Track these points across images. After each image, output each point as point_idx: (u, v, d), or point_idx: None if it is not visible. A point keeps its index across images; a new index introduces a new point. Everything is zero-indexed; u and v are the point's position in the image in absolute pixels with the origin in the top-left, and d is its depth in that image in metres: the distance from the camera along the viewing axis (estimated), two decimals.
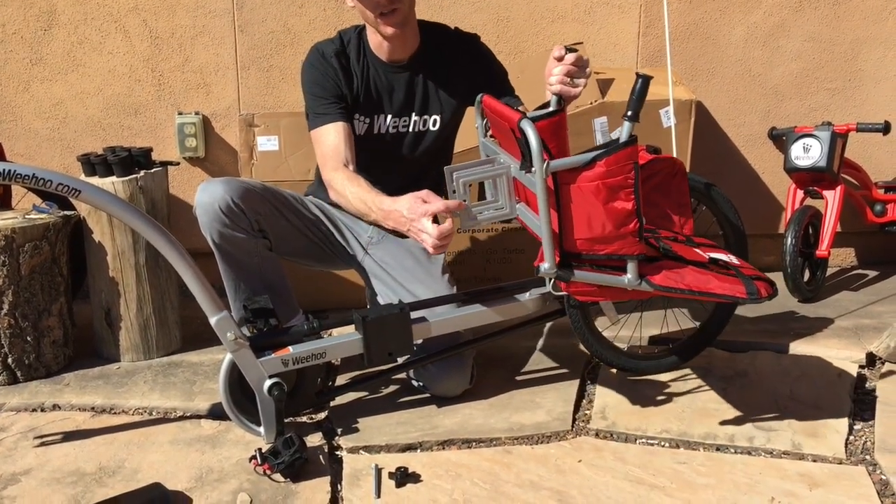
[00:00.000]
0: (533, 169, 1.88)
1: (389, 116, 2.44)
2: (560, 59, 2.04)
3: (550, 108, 2.07)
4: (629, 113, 1.88)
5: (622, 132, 1.89)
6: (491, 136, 2.28)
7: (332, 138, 2.34)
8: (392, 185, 2.49)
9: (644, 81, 1.87)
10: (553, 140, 1.96)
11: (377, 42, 2.41)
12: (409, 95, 2.44)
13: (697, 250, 2.20)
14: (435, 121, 2.46)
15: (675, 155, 2.90)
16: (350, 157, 2.34)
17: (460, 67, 2.44)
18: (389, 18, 2.30)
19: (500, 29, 3.29)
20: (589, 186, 1.88)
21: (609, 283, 2.01)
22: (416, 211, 2.04)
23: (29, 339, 2.60)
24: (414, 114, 2.45)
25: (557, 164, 1.89)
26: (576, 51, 2.04)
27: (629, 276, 1.98)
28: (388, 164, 2.46)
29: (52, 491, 2.03)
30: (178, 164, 3.02)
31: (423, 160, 2.51)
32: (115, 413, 2.44)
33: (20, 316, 2.57)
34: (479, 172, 2.01)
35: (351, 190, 2.26)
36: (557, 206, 1.95)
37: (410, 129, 2.47)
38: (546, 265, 1.98)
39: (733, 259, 2.18)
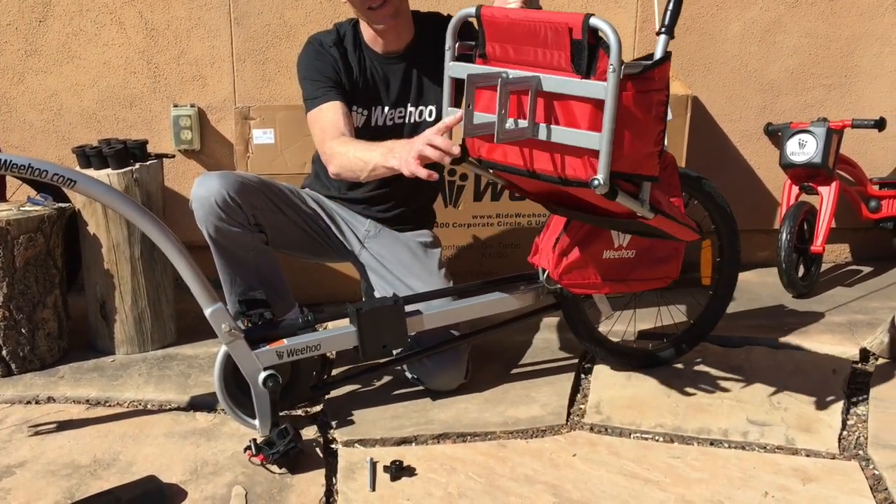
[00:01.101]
0: (611, 69, 1.72)
1: (386, 108, 2.44)
2: None
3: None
4: (664, 27, 1.80)
5: (658, 47, 1.82)
6: (473, 57, 2.06)
7: (329, 115, 2.31)
8: (391, 184, 2.49)
9: None
10: None
11: (371, 35, 2.40)
12: (404, 87, 2.43)
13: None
14: (431, 111, 2.45)
15: (669, 150, 2.90)
16: (349, 132, 2.28)
17: None
18: (380, 12, 2.29)
19: None
20: (644, 97, 1.79)
21: (631, 205, 1.92)
22: (417, 139, 1.99)
23: (23, 331, 2.59)
24: (410, 104, 2.45)
25: (628, 69, 1.74)
26: None
27: (643, 197, 1.92)
28: None
29: (47, 483, 2.03)
30: (173, 156, 3.02)
31: None
32: (109, 406, 2.44)
33: (15, 308, 2.56)
34: (519, 82, 1.83)
35: (349, 148, 2.20)
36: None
37: (407, 121, 2.46)
38: (601, 176, 1.79)
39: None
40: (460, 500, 1.96)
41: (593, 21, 1.75)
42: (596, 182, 1.80)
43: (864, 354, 2.65)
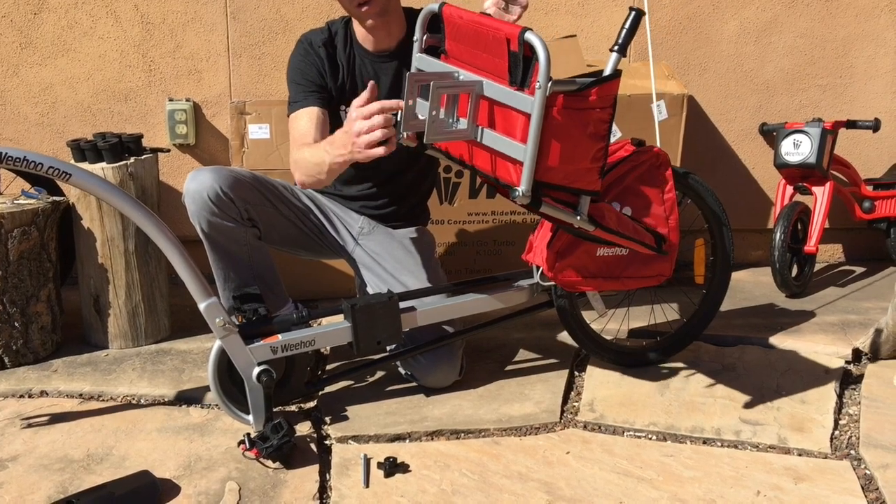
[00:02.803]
0: (537, 85, 1.77)
1: None
2: None
3: None
4: (617, 46, 1.85)
5: (608, 64, 1.85)
6: (437, 52, 2.11)
7: (302, 123, 2.31)
8: (381, 174, 2.49)
9: (637, 15, 1.84)
10: None
11: (363, 33, 2.38)
12: (395, 85, 2.41)
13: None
14: None
15: (664, 149, 2.90)
16: (319, 139, 2.26)
17: None
18: (367, 10, 2.27)
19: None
20: (580, 115, 1.82)
21: (564, 217, 1.97)
22: (350, 123, 2.00)
23: (17, 324, 2.58)
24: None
25: (561, 85, 1.79)
26: None
27: (580, 215, 1.96)
28: (383, 162, 2.44)
29: (40, 477, 2.03)
30: (168, 150, 3.01)
31: (409, 148, 2.50)
32: (103, 400, 2.43)
33: (8, 301, 2.55)
34: (452, 85, 1.89)
35: (304, 153, 2.20)
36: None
37: (398, 119, 2.44)
38: (523, 187, 1.85)
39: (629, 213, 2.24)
40: (454, 497, 1.96)
41: (527, 35, 1.78)
42: (516, 192, 1.86)
43: (857, 354, 2.66)
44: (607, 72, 1.86)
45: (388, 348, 2.38)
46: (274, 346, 2.17)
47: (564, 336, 2.68)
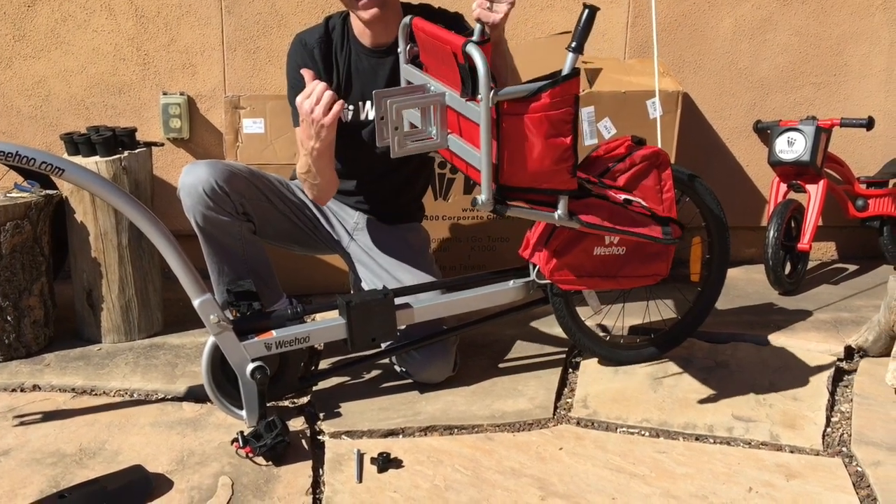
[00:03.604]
0: (479, 96, 1.82)
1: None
2: None
3: (474, 38, 1.99)
4: (573, 44, 1.85)
5: (565, 64, 1.86)
6: (416, 62, 2.20)
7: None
8: (375, 173, 2.49)
9: (591, 12, 1.83)
10: None
11: (360, 28, 2.37)
12: (392, 80, 2.40)
13: (611, 192, 2.21)
14: None
15: (660, 146, 2.91)
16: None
17: None
18: (366, 2, 2.25)
19: None
20: (533, 118, 1.85)
21: (540, 218, 2.01)
22: (301, 110, 2.10)
23: (9, 318, 2.57)
24: None
25: (505, 93, 1.83)
26: None
27: (559, 212, 1.98)
28: (375, 152, 2.44)
29: (32, 471, 2.02)
30: (162, 144, 3.00)
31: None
32: (95, 394, 2.43)
33: (0, 295, 2.54)
34: (413, 100, 1.95)
35: (297, 172, 2.32)
36: (497, 138, 1.90)
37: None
38: (483, 197, 1.91)
39: (643, 203, 2.21)
40: (447, 493, 1.97)
41: (467, 48, 1.81)
42: (477, 201, 1.91)
43: (849, 352, 2.67)
44: (566, 70, 1.86)
45: (382, 344, 2.38)
46: (268, 343, 2.17)
47: (558, 332, 2.68)
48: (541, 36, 3.26)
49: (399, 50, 2.19)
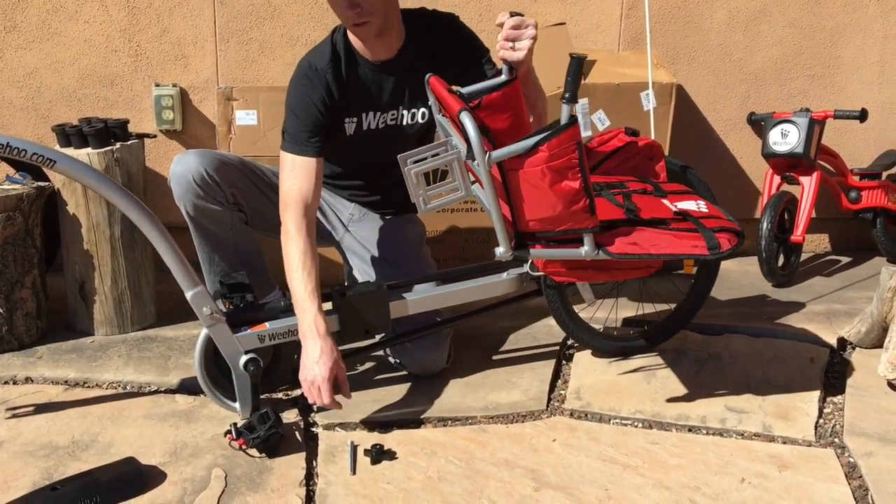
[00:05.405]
0: (473, 161, 1.87)
1: (378, 113, 2.36)
2: (501, 25, 1.99)
3: (503, 78, 2.04)
4: (566, 95, 1.88)
5: (561, 115, 1.89)
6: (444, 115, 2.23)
7: (300, 176, 2.22)
8: (376, 170, 2.48)
9: (577, 62, 1.85)
10: (506, 111, 1.95)
11: (362, 45, 2.29)
12: (397, 91, 2.35)
13: (665, 201, 2.19)
14: (424, 113, 2.40)
15: (653, 138, 2.91)
16: (314, 196, 2.22)
17: (446, 54, 2.34)
18: (361, 30, 2.20)
19: (482, 8, 3.27)
20: (534, 171, 1.86)
21: (566, 256, 2.01)
22: (323, 378, 2.06)
23: (1, 311, 2.56)
24: (402, 107, 2.37)
25: (499, 155, 1.87)
26: (520, 14, 1.98)
27: (586, 248, 1.97)
28: (376, 157, 2.43)
29: (24, 464, 2.02)
30: (154, 136, 2.99)
31: (409, 147, 2.50)
32: (88, 387, 2.42)
33: None
34: (430, 161, 1.99)
35: (289, 250, 2.17)
36: (506, 191, 1.94)
37: (399, 122, 2.40)
38: (501, 249, 1.98)
39: (703, 207, 2.16)
40: (440, 484, 1.97)
41: (461, 116, 1.85)
42: (497, 252, 1.98)
43: (842, 343, 2.68)
44: (563, 122, 1.88)
45: (376, 336, 2.38)
46: (261, 335, 2.17)
47: (552, 324, 2.68)
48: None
49: (430, 101, 2.25)
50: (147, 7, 3.17)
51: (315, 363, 2.06)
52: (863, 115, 3.18)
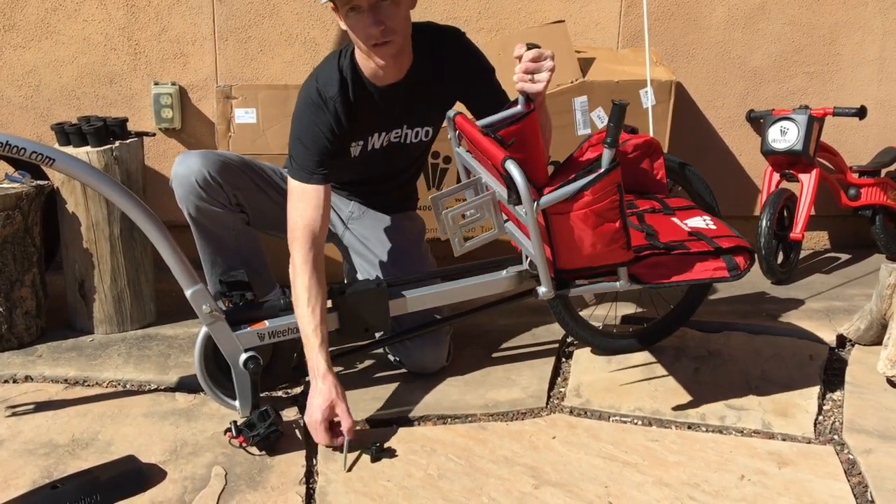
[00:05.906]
0: (522, 208, 1.90)
1: (384, 133, 2.35)
2: (520, 57, 1.97)
3: (518, 108, 2.05)
4: (608, 140, 1.90)
5: (603, 159, 1.91)
6: (463, 148, 2.28)
7: (309, 206, 2.18)
8: (379, 178, 2.48)
9: (619, 109, 1.87)
10: (524, 142, 1.97)
11: (371, 70, 2.23)
12: (404, 111, 2.33)
13: (675, 220, 2.23)
14: (427, 132, 2.40)
15: (652, 135, 2.91)
16: (321, 226, 2.19)
17: (450, 74, 2.30)
18: (383, 49, 2.13)
19: (481, 6, 3.27)
20: (578, 215, 1.91)
21: (603, 289, 2.10)
22: (316, 421, 2.07)
23: (1, 309, 2.56)
24: (406, 126, 2.36)
25: (547, 201, 1.91)
26: (537, 46, 1.98)
27: (621, 281, 2.04)
28: (377, 170, 2.43)
29: (25, 462, 2.02)
30: (153, 134, 2.99)
31: (410, 163, 2.52)
32: (88, 385, 2.43)
33: None
34: (467, 205, 2.06)
35: (297, 285, 2.14)
36: (548, 233, 1.97)
37: (403, 141, 2.38)
38: (543, 289, 2.02)
39: (710, 224, 2.22)
40: (440, 482, 1.97)
41: (507, 165, 1.87)
42: (540, 292, 2.03)
43: (841, 341, 2.68)
44: (603, 167, 1.91)
45: (375, 334, 2.38)
46: (261, 333, 2.17)
47: (552, 322, 2.69)
48: (533, 25, 3.25)
49: (449, 136, 2.27)
50: (146, 5, 3.17)
51: (311, 404, 2.09)
52: (862, 113, 3.18)
